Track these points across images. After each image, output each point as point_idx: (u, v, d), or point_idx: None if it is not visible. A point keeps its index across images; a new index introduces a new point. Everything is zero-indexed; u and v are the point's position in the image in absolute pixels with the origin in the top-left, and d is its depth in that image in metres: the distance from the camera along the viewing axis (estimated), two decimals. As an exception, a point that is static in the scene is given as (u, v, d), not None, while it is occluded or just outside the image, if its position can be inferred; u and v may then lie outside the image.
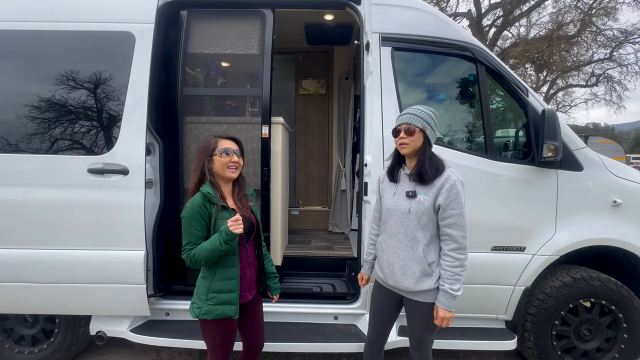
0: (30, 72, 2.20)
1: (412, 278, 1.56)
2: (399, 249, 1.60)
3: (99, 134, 2.21)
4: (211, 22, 2.45)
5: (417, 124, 1.55)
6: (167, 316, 2.40)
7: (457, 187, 1.51)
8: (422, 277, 1.55)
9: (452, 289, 1.51)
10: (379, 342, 1.84)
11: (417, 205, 1.54)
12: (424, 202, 1.53)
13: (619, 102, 16.05)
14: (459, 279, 1.52)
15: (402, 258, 1.59)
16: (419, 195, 1.55)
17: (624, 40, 13.94)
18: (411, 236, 1.57)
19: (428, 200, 1.53)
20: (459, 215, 1.50)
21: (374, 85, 2.23)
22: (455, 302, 1.53)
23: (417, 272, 1.56)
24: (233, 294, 1.56)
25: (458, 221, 1.51)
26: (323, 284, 2.73)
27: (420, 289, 1.56)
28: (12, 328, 2.40)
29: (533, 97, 2.25)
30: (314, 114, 4.33)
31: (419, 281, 1.56)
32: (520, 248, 2.23)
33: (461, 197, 1.51)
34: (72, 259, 2.15)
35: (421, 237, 1.55)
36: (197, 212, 1.50)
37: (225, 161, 1.58)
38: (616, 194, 2.24)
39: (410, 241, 1.57)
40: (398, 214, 1.60)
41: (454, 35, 2.27)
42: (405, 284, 1.59)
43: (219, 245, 1.46)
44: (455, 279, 1.51)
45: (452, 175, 1.53)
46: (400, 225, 1.59)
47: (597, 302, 2.22)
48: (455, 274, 1.51)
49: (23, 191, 2.13)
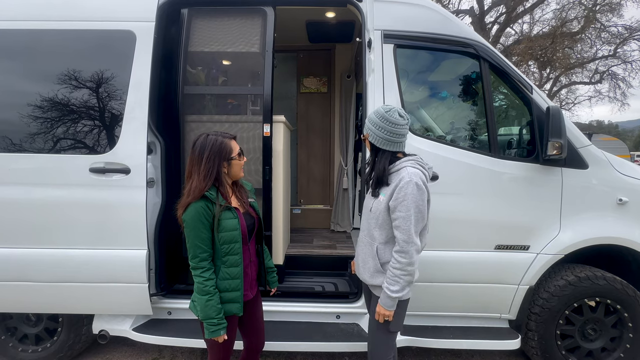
0: (32, 71, 2.20)
1: (368, 272, 1.65)
2: (363, 243, 1.71)
3: (101, 133, 2.20)
4: (212, 20, 2.43)
5: (364, 132, 1.64)
6: (169, 315, 2.40)
7: (407, 189, 1.46)
8: (375, 273, 1.62)
9: (388, 289, 1.52)
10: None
11: (377, 204, 1.60)
12: (382, 202, 1.57)
13: (623, 100, 15.93)
14: (398, 282, 1.51)
15: (364, 253, 1.69)
16: (380, 195, 1.59)
17: (628, 36, 13.80)
18: (370, 233, 1.64)
19: (385, 200, 1.55)
20: (404, 218, 1.47)
21: (376, 83, 2.21)
22: (393, 302, 1.54)
23: (372, 267, 1.63)
24: (237, 292, 1.56)
25: (402, 224, 1.48)
26: (325, 283, 2.72)
27: (374, 283, 1.63)
28: (16, 327, 2.42)
29: (537, 94, 2.23)
30: (315, 112, 4.31)
31: (373, 276, 1.63)
32: (524, 247, 2.21)
33: (409, 200, 1.46)
34: (74, 258, 2.15)
35: (377, 235, 1.60)
36: (201, 214, 1.48)
37: (242, 164, 1.62)
38: (622, 192, 2.21)
39: (370, 237, 1.65)
40: (365, 210, 1.71)
41: (457, 31, 2.25)
42: (364, 276, 1.70)
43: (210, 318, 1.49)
44: (395, 280, 1.51)
45: (406, 176, 1.48)
46: (365, 221, 1.70)
47: (602, 301, 2.19)
48: (394, 275, 1.52)
49: (25, 190, 2.13)
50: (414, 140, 2.16)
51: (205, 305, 1.49)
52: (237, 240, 1.54)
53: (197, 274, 1.51)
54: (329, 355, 2.57)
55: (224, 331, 1.50)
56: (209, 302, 1.48)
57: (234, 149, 1.58)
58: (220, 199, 1.54)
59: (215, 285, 1.51)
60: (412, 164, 1.55)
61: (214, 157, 1.52)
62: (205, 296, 1.49)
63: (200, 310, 1.51)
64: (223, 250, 1.53)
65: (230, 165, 1.57)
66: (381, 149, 1.58)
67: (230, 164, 1.57)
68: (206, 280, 1.50)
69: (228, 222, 1.52)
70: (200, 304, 1.50)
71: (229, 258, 1.54)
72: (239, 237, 1.54)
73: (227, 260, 1.54)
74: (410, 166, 1.53)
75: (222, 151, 1.54)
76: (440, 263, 2.18)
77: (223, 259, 1.54)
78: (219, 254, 1.54)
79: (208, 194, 1.50)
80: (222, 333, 1.50)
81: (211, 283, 1.50)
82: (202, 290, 1.50)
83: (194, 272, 1.52)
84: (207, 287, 1.49)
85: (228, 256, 1.54)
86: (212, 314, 1.48)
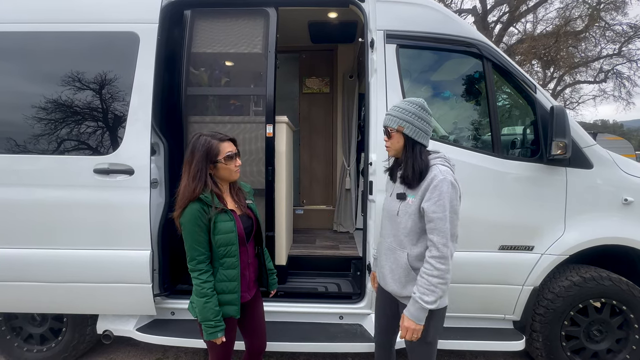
0: (36, 73, 2.22)
1: (399, 282, 1.50)
2: (389, 250, 1.55)
3: (105, 134, 2.22)
4: (215, 22, 2.44)
5: (393, 125, 1.47)
6: (173, 315, 2.41)
7: (442, 187, 1.36)
8: (407, 283, 1.47)
9: (422, 299, 1.36)
10: (385, 344, 1.81)
11: (405, 207, 1.46)
12: (412, 205, 1.44)
13: (628, 99, 15.77)
14: (435, 291, 1.35)
15: (392, 261, 1.53)
16: (408, 198, 1.46)
17: (633, 35, 13.67)
18: (399, 240, 1.50)
19: (416, 203, 1.43)
20: (441, 219, 1.35)
21: (378, 83, 2.21)
22: (425, 315, 1.38)
23: (403, 277, 1.48)
24: (234, 294, 1.56)
25: (439, 226, 1.35)
26: (328, 283, 2.72)
27: (406, 294, 1.47)
28: (21, 326, 2.43)
29: (541, 94, 2.21)
30: (318, 113, 4.31)
31: (405, 286, 1.48)
32: (529, 247, 2.19)
33: (445, 199, 1.35)
34: (79, 259, 2.16)
35: (407, 241, 1.47)
36: (196, 217, 1.47)
37: (232, 168, 1.55)
38: (627, 192, 2.19)
39: (398, 245, 1.51)
40: (389, 215, 1.56)
41: (460, 31, 2.24)
42: (393, 288, 1.54)
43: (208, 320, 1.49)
44: (430, 289, 1.36)
45: (438, 174, 1.38)
46: (390, 227, 1.55)
47: (608, 302, 2.17)
48: (430, 284, 1.36)
49: (30, 191, 2.15)
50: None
51: (203, 307, 1.49)
52: (234, 243, 1.53)
53: (194, 276, 1.52)
54: (332, 356, 2.56)
55: (221, 333, 1.50)
56: (206, 305, 1.49)
57: (222, 151, 1.52)
58: (216, 201, 1.52)
59: (213, 288, 1.51)
60: (442, 161, 1.45)
61: (202, 159, 1.50)
62: (203, 298, 1.49)
63: (198, 312, 1.51)
64: (220, 252, 1.52)
65: (216, 167, 1.53)
66: (419, 142, 1.45)
67: (216, 167, 1.53)
68: (204, 282, 1.50)
69: (224, 224, 1.51)
70: (198, 306, 1.50)
71: (226, 260, 1.54)
72: (235, 239, 1.53)
73: (224, 263, 1.54)
74: (440, 164, 1.43)
75: (208, 153, 1.50)
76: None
77: (220, 261, 1.54)
78: (216, 256, 1.54)
79: (203, 196, 1.49)
80: (219, 335, 1.50)
81: (209, 285, 1.50)
82: (199, 293, 1.50)
83: (192, 275, 1.52)
84: (205, 289, 1.49)
85: (225, 258, 1.53)
86: (210, 316, 1.48)
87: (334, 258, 3.02)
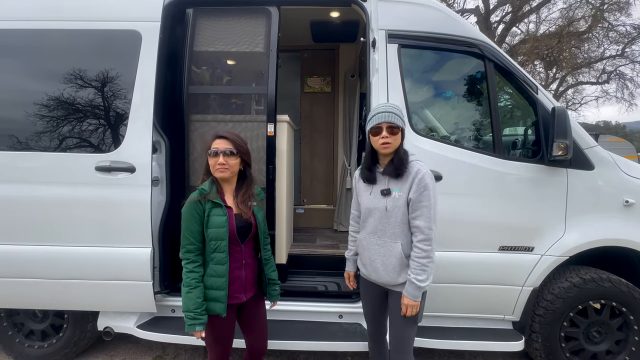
0: (39, 70, 2.22)
1: (394, 273, 1.62)
2: (379, 245, 1.65)
3: (106, 132, 2.22)
4: (217, 20, 2.44)
5: (399, 123, 1.60)
6: (173, 313, 2.42)
7: (426, 180, 1.55)
8: (402, 271, 1.61)
9: (417, 279, 1.55)
10: (378, 336, 1.87)
11: (392, 202, 1.60)
12: (399, 199, 1.59)
13: (630, 100, 15.71)
14: (425, 270, 1.55)
15: (383, 254, 1.64)
16: (393, 192, 1.60)
17: (637, 36, 13.60)
18: (390, 233, 1.62)
19: (402, 196, 1.58)
20: (427, 207, 1.54)
21: (380, 82, 2.21)
22: (420, 292, 1.58)
23: (397, 266, 1.61)
24: (221, 292, 1.55)
25: (425, 212, 1.54)
26: (328, 282, 2.73)
27: (402, 281, 1.61)
28: (23, 323, 2.45)
29: (543, 95, 2.21)
30: (319, 112, 4.31)
31: (400, 274, 1.61)
32: (529, 248, 2.20)
33: (430, 189, 1.55)
34: (80, 256, 2.17)
35: (400, 232, 1.60)
36: (192, 207, 1.53)
37: (212, 162, 1.59)
38: (628, 193, 2.19)
39: (390, 238, 1.62)
40: (377, 212, 1.65)
41: (462, 31, 2.24)
42: (387, 279, 1.65)
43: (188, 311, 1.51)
44: (422, 269, 1.55)
45: (421, 168, 1.57)
46: (379, 223, 1.65)
47: (608, 303, 2.17)
48: (421, 265, 1.55)
49: (32, 188, 2.16)
50: (418, 140, 2.15)
51: (185, 296, 1.51)
52: (224, 238, 1.55)
53: (183, 265, 1.56)
54: (332, 354, 2.57)
55: (200, 327, 1.50)
56: (188, 295, 1.50)
57: (212, 145, 1.60)
58: (213, 192, 1.57)
59: (198, 279, 1.53)
60: (416, 158, 1.65)
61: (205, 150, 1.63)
62: (186, 288, 1.51)
63: (182, 302, 1.53)
64: (211, 246, 1.55)
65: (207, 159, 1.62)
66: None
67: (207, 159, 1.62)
68: (189, 272, 1.53)
69: (216, 218, 1.54)
70: (182, 296, 1.52)
71: (216, 255, 1.56)
72: (225, 235, 1.55)
73: (214, 258, 1.56)
74: (416, 160, 1.63)
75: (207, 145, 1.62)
76: (443, 264, 2.16)
77: (211, 255, 1.56)
78: (208, 250, 1.57)
79: (201, 188, 1.55)
80: (198, 329, 1.50)
81: (193, 276, 1.52)
82: (184, 282, 1.53)
83: (182, 263, 1.56)
84: (189, 279, 1.52)
85: (215, 253, 1.56)
86: (191, 307, 1.49)
87: (334, 257, 3.02)
